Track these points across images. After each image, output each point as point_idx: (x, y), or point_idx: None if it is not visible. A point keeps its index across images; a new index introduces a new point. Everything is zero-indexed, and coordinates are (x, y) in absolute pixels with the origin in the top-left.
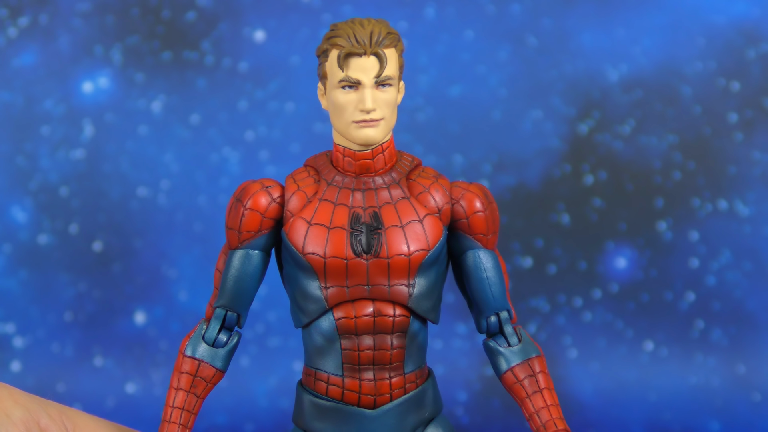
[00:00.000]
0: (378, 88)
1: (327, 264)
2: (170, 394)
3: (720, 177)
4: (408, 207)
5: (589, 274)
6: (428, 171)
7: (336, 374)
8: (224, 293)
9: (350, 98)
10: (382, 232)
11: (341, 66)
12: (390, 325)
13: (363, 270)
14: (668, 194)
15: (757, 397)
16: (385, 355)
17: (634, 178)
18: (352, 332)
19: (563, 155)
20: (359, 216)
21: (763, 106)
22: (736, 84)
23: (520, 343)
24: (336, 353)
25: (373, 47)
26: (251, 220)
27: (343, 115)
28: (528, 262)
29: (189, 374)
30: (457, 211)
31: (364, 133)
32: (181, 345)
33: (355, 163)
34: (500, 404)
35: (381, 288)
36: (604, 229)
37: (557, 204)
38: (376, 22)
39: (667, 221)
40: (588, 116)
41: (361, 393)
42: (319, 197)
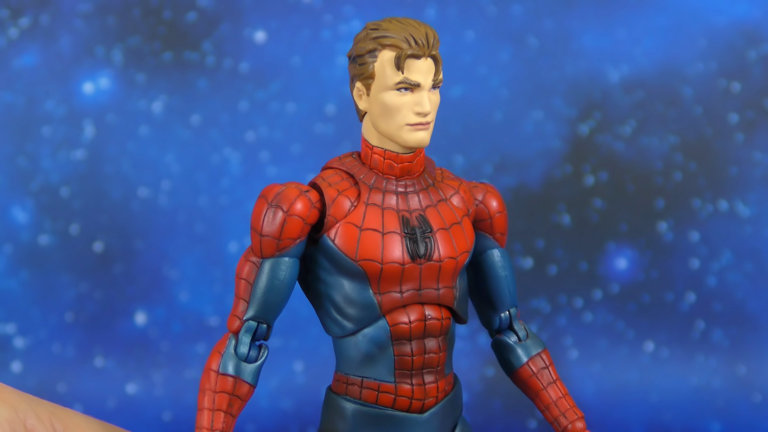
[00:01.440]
0: (431, 91)
1: (384, 270)
2: (205, 416)
3: (721, 178)
4: (448, 209)
5: (590, 274)
6: (447, 173)
7: (387, 381)
8: (256, 304)
9: (405, 100)
10: (432, 236)
11: (401, 68)
12: (438, 328)
13: (416, 274)
14: (669, 195)
15: (758, 397)
16: (434, 358)
17: (635, 179)
18: (406, 338)
19: (564, 156)
20: (408, 220)
21: (764, 107)
22: (737, 85)
23: (528, 337)
24: (388, 359)
25: (431, 49)
26: (294, 226)
27: (396, 118)
28: (529, 263)
29: (226, 393)
30: (481, 212)
31: (418, 136)
32: (209, 362)
33: (397, 166)
34: (501, 405)
35: (431, 292)
36: (605, 230)
37: (558, 205)
38: (423, 24)
39: (668, 222)
40: (589, 117)
41: (413, 398)
42: (364, 201)
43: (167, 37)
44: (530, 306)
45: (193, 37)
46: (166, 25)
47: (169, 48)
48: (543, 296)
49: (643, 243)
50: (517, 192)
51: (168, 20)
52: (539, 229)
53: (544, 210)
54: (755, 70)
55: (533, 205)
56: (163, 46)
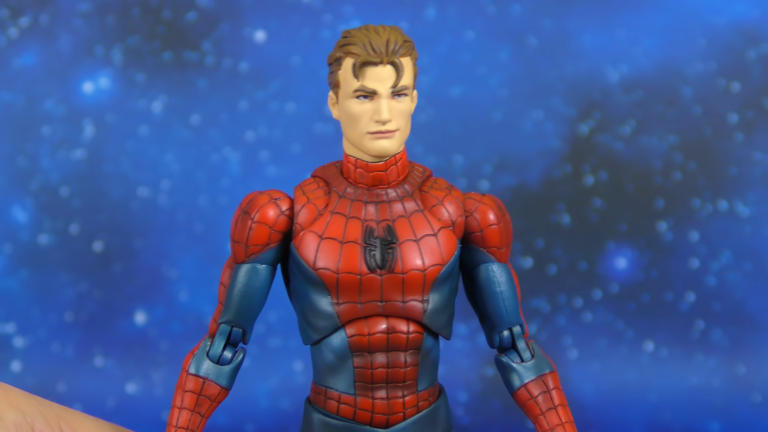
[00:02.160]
0: (393, 98)
1: (340, 279)
2: (173, 414)
3: (720, 177)
4: (422, 220)
5: (589, 274)
6: (440, 182)
7: (348, 393)
8: (229, 308)
9: (365, 108)
10: (396, 247)
11: (357, 75)
12: (404, 342)
13: (377, 286)
14: (669, 195)
15: (758, 397)
16: (399, 372)
17: (634, 179)
18: (365, 350)
19: (564, 156)
20: (373, 230)
21: (764, 106)
22: (737, 84)
23: (533, 358)
24: (348, 371)
25: (389, 56)
26: (259, 233)
27: (358, 126)
28: (528, 263)
29: (193, 393)
30: (471, 224)
31: (379, 144)
32: (184, 362)
33: (367, 174)
34: (501, 405)
35: (395, 304)
36: (604, 230)
37: (558, 204)
38: (391, 30)
39: (668, 222)
40: (588, 117)
41: (374, 412)
42: (330, 210)
43: (167, 36)
44: (530, 306)
45: (192, 37)
46: (166, 25)
47: (169, 48)
48: (543, 296)
49: (643, 243)
50: (516, 192)
51: (167, 20)
52: (539, 229)
53: (544, 210)
54: (755, 70)
55: (533, 205)
56: (163, 45)
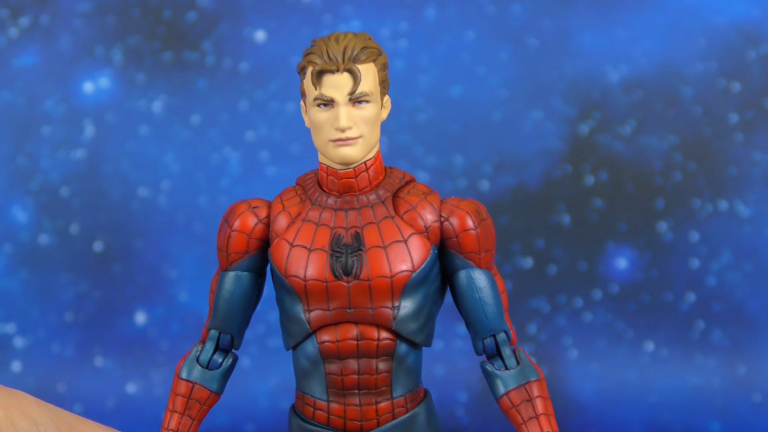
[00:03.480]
0: (354, 105)
1: (308, 287)
2: (166, 416)
3: (720, 178)
4: (392, 226)
5: (589, 274)
6: (419, 188)
7: (321, 399)
8: (216, 315)
9: (325, 116)
10: (362, 254)
11: (315, 84)
12: (374, 348)
13: (344, 293)
14: (669, 195)
15: (758, 397)
16: (370, 379)
17: (634, 179)
18: (335, 356)
19: (564, 156)
20: (341, 237)
21: (764, 106)
22: (737, 85)
23: (518, 365)
24: (321, 377)
25: (346, 63)
26: (237, 241)
27: (320, 134)
28: (528, 263)
29: (183, 396)
30: (447, 229)
31: (341, 152)
32: (176, 367)
33: (338, 182)
34: None
35: (364, 311)
36: (604, 230)
37: (558, 204)
38: (353, 36)
39: (668, 222)
40: (588, 117)
41: (346, 418)
42: (302, 218)
43: (167, 36)
44: (530, 306)
45: (192, 37)
46: (166, 25)
47: (169, 48)
48: (543, 296)
49: (643, 243)
50: (516, 192)
51: (167, 20)
52: (539, 229)
53: (544, 210)
54: (755, 70)
55: (533, 205)
56: (163, 45)
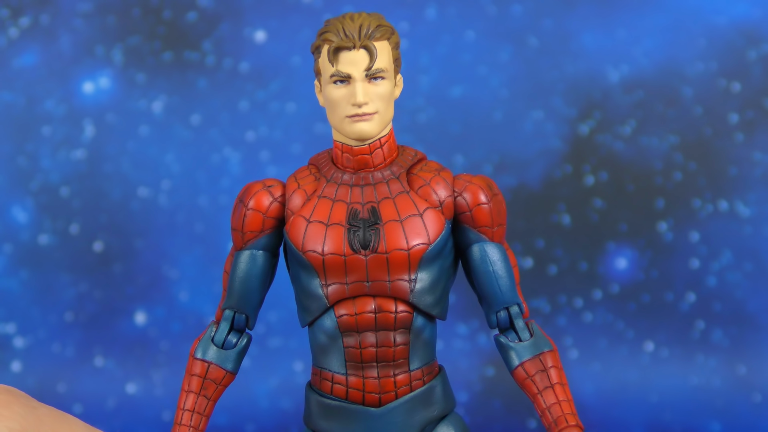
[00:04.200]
0: (370, 82)
1: (326, 261)
2: (181, 397)
3: (721, 178)
4: (407, 201)
5: (589, 274)
6: (431, 164)
7: (340, 373)
8: (231, 295)
9: (342, 93)
10: (379, 227)
11: (331, 61)
12: (392, 321)
13: (362, 266)
14: (669, 195)
15: (758, 398)
16: (389, 352)
17: (634, 179)
18: (354, 329)
19: (564, 156)
20: (357, 212)
21: (764, 106)
22: (737, 85)
23: (531, 337)
24: (339, 351)
25: (362, 40)
26: (253, 220)
27: (337, 111)
28: (528, 263)
29: (199, 377)
30: (460, 204)
31: (357, 127)
32: (191, 347)
33: (353, 158)
34: (501, 405)
35: (381, 284)
36: (604, 230)
37: (558, 204)
38: (367, 16)
39: (668, 222)
40: (589, 117)
41: (365, 391)
42: (318, 194)
43: (167, 36)
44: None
45: (193, 37)
46: (166, 25)
47: (169, 48)
48: (543, 296)
49: (643, 243)
50: (516, 192)
51: (168, 20)
52: (539, 229)
53: (544, 210)
54: (755, 70)
55: (533, 205)
56: (163, 45)
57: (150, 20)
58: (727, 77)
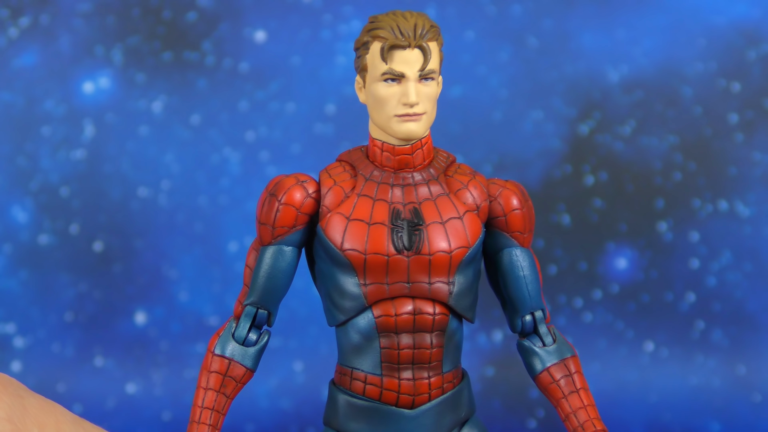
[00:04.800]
0: (421, 82)
1: (367, 260)
2: (199, 394)
3: (720, 178)
4: (448, 203)
5: (589, 274)
6: (464, 168)
7: (374, 373)
8: (255, 290)
9: (393, 91)
10: (423, 229)
11: (385, 58)
12: (430, 323)
13: (404, 267)
14: (669, 195)
15: (758, 397)
16: (425, 354)
17: (634, 179)
18: (392, 330)
19: (564, 156)
20: (399, 212)
21: (764, 106)
22: (737, 85)
23: (554, 342)
24: (374, 352)
25: (417, 40)
26: (286, 215)
27: (385, 109)
28: None
29: (219, 373)
30: (495, 209)
31: (406, 127)
32: (209, 343)
33: (394, 158)
34: (501, 405)
35: (421, 285)
36: (604, 230)
37: (558, 205)
38: (418, 15)
39: (668, 222)
40: (588, 117)
41: (399, 392)
42: (357, 192)
43: (167, 36)
44: None
45: (192, 37)
46: (166, 25)
47: (169, 48)
48: None
49: (643, 243)
50: None
51: (168, 20)
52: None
53: (544, 210)
54: (755, 70)
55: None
56: (163, 45)
57: (150, 20)
58: (726, 77)
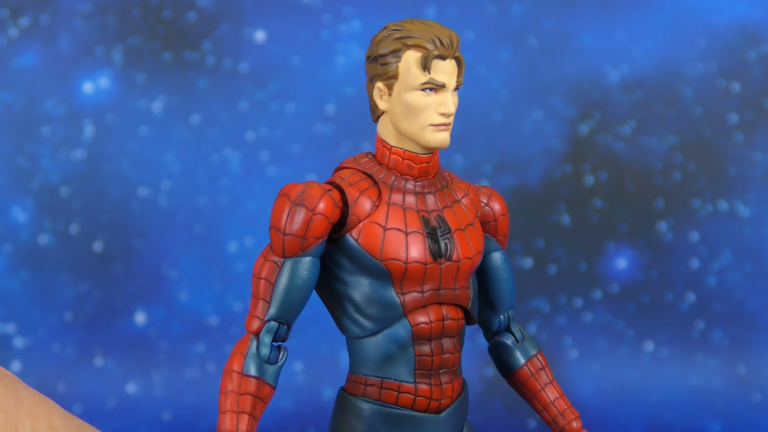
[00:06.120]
0: (452, 92)
1: (408, 269)
2: (228, 419)
3: (720, 178)
4: (462, 210)
5: (589, 274)
6: (453, 175)
7: (408, 381)
8: (279, 304)
9: (430, 101)
10: (452, 236)
11: (427, 68)
12: (455, 328)
13: (437, 274)
14: (669, 195)
15: (758, 397)
16: (451, 358)
17: (634, 179)
18: (427, 338)
19: (564, 156)
20: (428, 220)
21: (764, 106)
22: (737, 85)
23: (524, 339)
24: (409, 360)
25: (454, 50)
26: (318, 225)
27: (419, 118)
28: (528, 263)
29: (250, 395)
30: (487, 214)
31: (440, 136)
32: (230, 364)
33: (415, 166)
34: (501, 405)
35: (450, 292)
36: (604, 230)
37: (558, 205)
38: (445, 27)
39: (668, 222)
40: (589, 117)
41: (431, 398)
42: (386, 201)
43: (167, 36)
44: (530, 306)
45: (192, 37)
46: (166, 25)
47: (169, 48)
48: (543, 296)
49: (643, 243)
50: (516, 192)
51: (168, 20)
52: (539, 229)
53: (544, 210)
54: (755, 70)
55: (533, 205)
56: (163, 45)
57: (150, 20)
58: (726, 77)
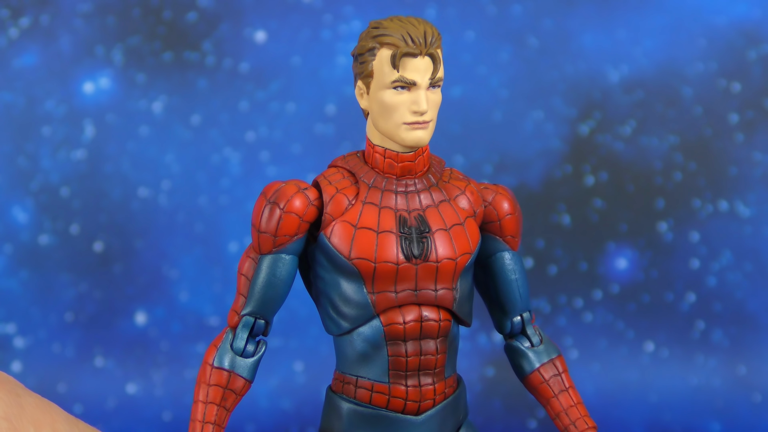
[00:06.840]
0: (429, 90)
1: (377, 269)
2: (198, 409)
3: (721, 178)
4: (450, 210)
5: (589, 274)
6: (457, 173)
7: (381, 381)
8: (253, 300)
9: (402, 99)
10: (430, 236)
11: (396, 66)
12: (435, 329)
13: (412, 275)
14: (669, 195)
15: (758, 398)
16: (431, 360)
17: (634, 179)
18: (400, 338)
19: (564, 156)
20: (406, 219)
21: (764, 107)
22: (737, 85)
23: (542, 343)
24: (382, 360)
25: (428, 47)
26: (289, 223)
27: (393, 117)
28: (529, 263)
29: (219, 386)
30: (490, 214)
31: (415, 135)
32: (206, 356)
33: (396, 165)
34: (501, 405)
35: (428, 293)
36: (604, 230)
37: (558, 205)
38: (425, 22)
39: (668, 222)
40: (589, 117)
41: (407, 399)
42: (361, 200)
43: (167, 37)
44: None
45: (193, 37)
46: (166, 25)
47: (169, 48)
48: (543, 296)
49: (643, 243)
50: (517, 192)
51: (168, 20)
52: (539, 229)
53: (544, 210)
54: (755, 70)
55: (533, 205)
56: (163, 46)
57: (150, 20)
58: (727, 77)
